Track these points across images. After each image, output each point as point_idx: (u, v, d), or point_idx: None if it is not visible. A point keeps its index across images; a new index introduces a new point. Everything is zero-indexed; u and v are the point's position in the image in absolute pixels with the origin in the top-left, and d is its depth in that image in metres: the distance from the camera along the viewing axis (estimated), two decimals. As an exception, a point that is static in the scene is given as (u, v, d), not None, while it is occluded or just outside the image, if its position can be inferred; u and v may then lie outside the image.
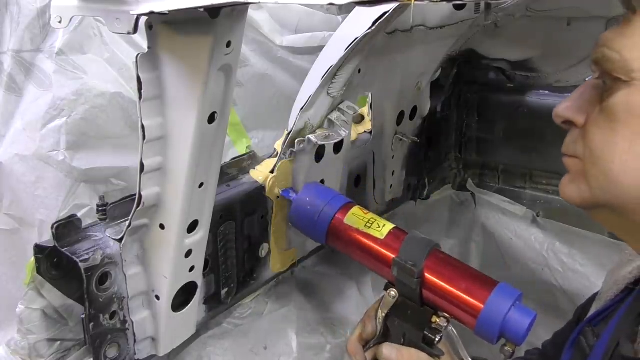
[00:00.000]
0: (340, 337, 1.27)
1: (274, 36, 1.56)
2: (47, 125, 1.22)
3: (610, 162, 0.69)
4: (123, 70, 1.30)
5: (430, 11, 1.22)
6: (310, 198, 1.03)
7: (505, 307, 0.82)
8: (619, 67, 0.68)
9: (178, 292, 0.95)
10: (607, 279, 0.98)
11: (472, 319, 0.85)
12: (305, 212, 1.02)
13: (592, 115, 0.73)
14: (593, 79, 0.77)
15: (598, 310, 0.94)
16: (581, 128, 0.76)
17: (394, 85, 1.30)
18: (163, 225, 0.88)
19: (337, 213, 1.00)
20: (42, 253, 0.88)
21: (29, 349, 0.95)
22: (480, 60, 1.62)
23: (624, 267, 0.94)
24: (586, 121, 0.75)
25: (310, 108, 1.04)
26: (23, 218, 1.30)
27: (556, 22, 1.44)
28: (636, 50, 0.68)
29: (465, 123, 1.75)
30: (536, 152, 1.64)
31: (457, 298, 0.87)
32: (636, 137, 0.67)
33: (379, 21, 0.93)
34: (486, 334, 0.84)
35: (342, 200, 1.03)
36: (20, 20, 1.25)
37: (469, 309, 0.86)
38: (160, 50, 0.75)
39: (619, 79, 0.68)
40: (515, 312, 0.82)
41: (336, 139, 1.07)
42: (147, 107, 0.77)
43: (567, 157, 0.79)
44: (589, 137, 0.73)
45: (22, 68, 1.27)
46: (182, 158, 0.81)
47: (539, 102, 1.60)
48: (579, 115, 0.76)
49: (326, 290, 1.36)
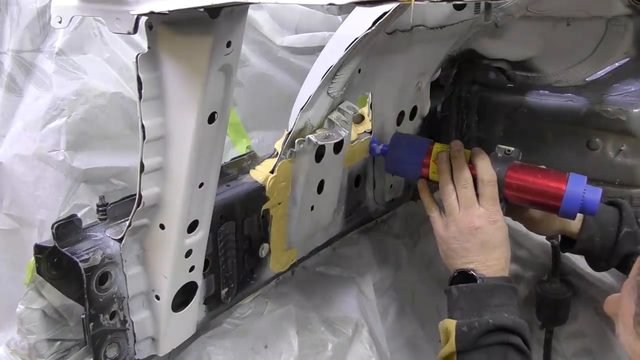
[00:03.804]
0: (342, 336, 1.27)
1: (274, 36, 1.56)
2: (47, 125, 1.22)
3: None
4: (123, 70, 1.30)
5: (430, 11, 1.22)
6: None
7: (581, 190, 1.08)
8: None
9: (178, 292, 0.95)
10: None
11: (557, 203, 1.09)
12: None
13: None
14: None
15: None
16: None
17: (394, 85, 1.30)
18: (163, 225, 0.88)
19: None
20: (42, 253, 0.88)
21: (29, 349, 0.95)
22: (480, 60, 1.62)
23: None
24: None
25: (310, 108, 1.04)
26: (23, 218, 1.30)
27: (556, 22, 1.44)
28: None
29: (465, 123, 1.75)
30: (536, 152, 1.64)
31: (543, 192, 1.11)
32: None
33: (379, 21, 0.93)
34: (568, 214, 1.10)
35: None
36: (20, 20, 1.25)
37: (554, 196, 1.09)
38: (160, 50, 0.75)
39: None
40: (587, 192, 1.07)
41: (336, 139, 1.07)
42: (147, 107, 0.77)
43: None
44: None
45: (22, 68, 1.27)
46: (182, 158, 0.81)
47: (539, 102, 1.59)
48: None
49: (326, 290, 1.36)
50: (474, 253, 1.06)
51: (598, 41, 1.43)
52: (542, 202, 1.12)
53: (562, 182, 1.09)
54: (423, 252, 1.63)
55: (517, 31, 1.46)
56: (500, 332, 0.98)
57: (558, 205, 1.09)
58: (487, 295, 1.02)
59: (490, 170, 1.11)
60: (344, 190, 1.31)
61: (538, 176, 1.12)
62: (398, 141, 1.27)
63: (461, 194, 1.10)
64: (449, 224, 1.10)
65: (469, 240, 1.07)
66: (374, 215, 1.49)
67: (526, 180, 1.12)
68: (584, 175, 1.10)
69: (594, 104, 1.50)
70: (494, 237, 1.07)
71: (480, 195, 1.09)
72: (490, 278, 1.04)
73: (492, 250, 1.06)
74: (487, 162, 1.12)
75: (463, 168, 1.12)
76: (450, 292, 1.05)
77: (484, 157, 1.14)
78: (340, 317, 1.31)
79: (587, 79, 1.52)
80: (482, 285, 1.03)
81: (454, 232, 1.09)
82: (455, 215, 1.10)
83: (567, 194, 1.08)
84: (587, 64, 1.48)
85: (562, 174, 1.11)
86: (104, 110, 1.25)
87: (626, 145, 1.49)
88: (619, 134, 1.49)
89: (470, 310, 1.01)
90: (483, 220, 1.07)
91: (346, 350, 1.26)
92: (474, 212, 1.08)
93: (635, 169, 1.50)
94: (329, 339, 1.25)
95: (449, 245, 1.10)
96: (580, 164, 1.57)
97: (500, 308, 1.01)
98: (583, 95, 1.53)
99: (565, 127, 1.57)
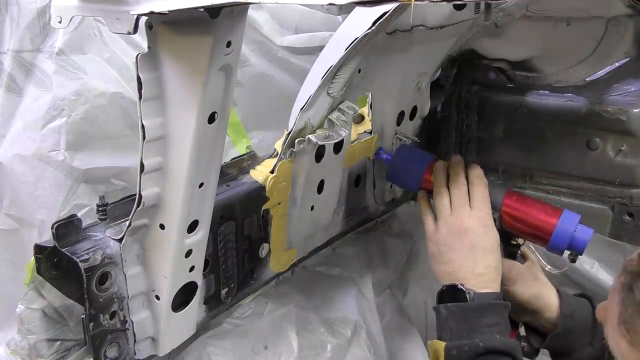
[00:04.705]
0: (341, 337, 1.27)
1: (274, 36, 1.56)
2: (47, 125, 1.22)
3: None
4: (123, 70, 1.30)
5: (430, 11, 1.22)
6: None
7: (572, 227, 1.10)
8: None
9: (178, 292, 0.95)
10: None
11: (547, 236, 1.11)
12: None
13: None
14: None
15: None
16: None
17: (394, 85, 1.30)
18: (163, 225, 0.88)
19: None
20: (42, 253, 0.88)
21: (29, 349, 0.95)
22: (480, 60, 1.62)
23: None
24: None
25: (310, 108, 1.04)
26: (23, 218, 1.30)
27: (556, 22, 1.43)
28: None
29: (465, 123, 1.75)
30: (536, 152, 1.64)
31: (535, 225, 1.13)
32: None
33: (379, 21, 0.93)
34: (556, 249, 1.12)
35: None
36: (20, 20, 1.25)
37: (544, 232, 1.12)
38: (160, 50, 0.75)
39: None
40: (578, 231, 1.10)
41: (336, 139, 1.07)
42: (147, 107, 0.77)
43: None
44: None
45: (22, 68, 1.27)
46: (182, 158, 0.81)
47: (539, 102, 1.59)
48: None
49: (326, 290, 1.36)
50: (463, 257, 1.04)
51: (598, 41, 1.42)
52: (532, 233, 1.14)
53: (555, 217, 1.12)
54: (423, 252, 1.63)
55: (517, 31, 1.46)
56: (490, 355, 0.96)
57: (548, 238, 1.11)
58: (478, 316, 0.99)
59: (482, 175, 1.12)
60: (344, 190, 1.31)
61: (533, 207, 1.15)
62: (402, 153, 1.28)
63: (454, 195, 1.10)
64: (440, 225, 1.10)
65: (458, 242, 1.05)
66: (374, 215, 1.49)
67: (521, 209, 1.15)
68: (577, 214, 1.13)
69: (594, 104, 1.50)
70: (484, 241, 1.05)
71: (472, 197, 1.09)
72: (480, 295, 1.01)
73: (482, 255, 1.04)
74: (480, 171, 1.13)
75: (459, 174, 1.13)
76: (439, 311, 1.02)
77: (478, 167, 1.15)
78: (339, 317, 1.31)
79: (587, 79, 1.51)
80: (471, 305, 1.00)
81: (444, 233, 1.08)
82: (446, 216, 1.09)
83: (557, 229, 1.10)
84: (587, 64, 1.48)
85: (557, 209, 1.14)
86: (104, 110, 1.25)
87: (626, 145, 1.49)
88: (619, 134, 1.49)
89: (460, 331, 0.99)
90: (474, 222, 1.06)
91: (345, 351, 1.26)
92: (465, 213, 1.08)
93: (635, 169, 1.50)
94: (328, 340, 1.25)
95: (438, 248, 1.08)
96: (580, 164, 1.57)
97: (491, 328, 0.98)
98: (583, 95, 1.53)
99: (565, 127, 1.57)
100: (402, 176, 1.27)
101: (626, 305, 0.76)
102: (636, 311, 0.75)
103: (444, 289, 1.04)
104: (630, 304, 0.76)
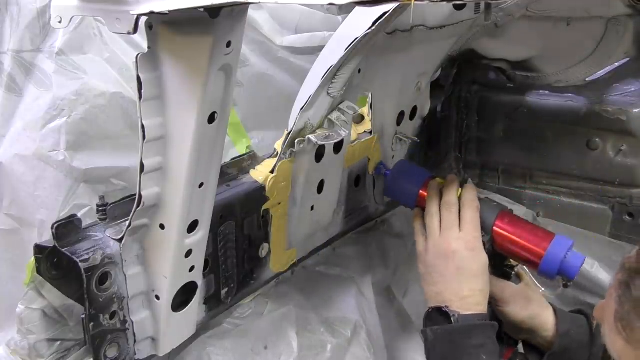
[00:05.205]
0: (341, 337, 1.27)
1: (274, 36, 1.56)
2: (47, 125, 1.22)
3: None
4: (123, 70, 1.30)
5: (430, 11, 1.22)
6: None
7: (562, 253, 1.07)
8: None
9: (178, 292, 0.95)
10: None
11: (537, 260, 1.09)
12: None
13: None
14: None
15: None
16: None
17: (394, 85, 1.30)
18: (163, 225, 0.88)
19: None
20: (42, 253, 0.88)
21: (29, 349, 0.95)
22: (480, 60, 1.62)
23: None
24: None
25: (310, 108, 1.04)
26: (23, 218, 1.30)
27: (556, 22, 1.44)
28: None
29: (465, 123, 1.75)
30: (536, 152, 1.64)
31: (525, 248, 1.11)
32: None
33: (379, 21, 0.93)
34: (546, 274, 1.10)
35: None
36: (20, 20, 1.25)
37: (534, 256, 1.10)
38: (160, 50, 0.75)
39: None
40: (569, 257, 1.07)
41: (336, 139, 1.07)
42: (147, 107, 0.77)
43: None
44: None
45: (22, 68, 1.27)
46: (182, 158, 0.81)
47: (539, 102, 1.59)
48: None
49: (326, 290, 1.35)
50: (449, 279, 1.05)
51: (598, 41, 1.43)
52: (523, 256, 1.12)
53: (546, 241, 1.10)
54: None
55: (517, 31, 1.46)
56: None
57: (538, 262, 1.10)
58: (464, 337, 1.00)
59: (474, 198, 1.11)
60: (344, 190, 1.31)
61: (525, 230, 1.13)
62: (400, 169, 1.30)
63: (444, 216, 1.10)
64: (429, 246, 1.10)
65: (445, 265, 1.06)
66: (374, 215, 1.49)
67: (512, 232, 1.13)
68: (570, 239, 1.10)
69: (594, 104, 1.50)
70: (470, 265, 1.05)
71: (462, 219, 1.09)
72: (465, 317, 1.01)
73: (468, 279, 1.04)
74: (473, 192, 1.13)
75: (451, 194, 1.13)
76: (426, 335, 1.03)
77: (473, 188, 1.14)
78: (339, 317, 1.31)
79: (587, 79, 1.52)
80: (457, 326, 1.00)
81: (432, 254, 1.08)
82: (434, 238, 1.09)
83: (547, 253, 1.08)
84: (587, 64, 1.48)
85: (549, 233, 1.12)
86: (104, 110, 1.25)
87: (626, 145, 1.49)
88: (619, 134, 1.49)
89: (447, 353, 1.00)
90: (460, 245, 1.06)
91: (344, 351, 1.26)
92: (453, 235, 1.08)
93: (635, 169, 1.50)
94: (328, 340, 1.25)
95: (426, 269, 1.09)
96: (580, 164, 1.57)
97: (478, 349, 0.98)
98: (583, 95, 1.53)
99: (565, 127, 1.57)
100: (398, 192, 1.28)
101: (623, 303, 0.76)
102: (633, 308, 0.75)
103: (430, 311, 1.05)
104: (627, 301, 0.76)
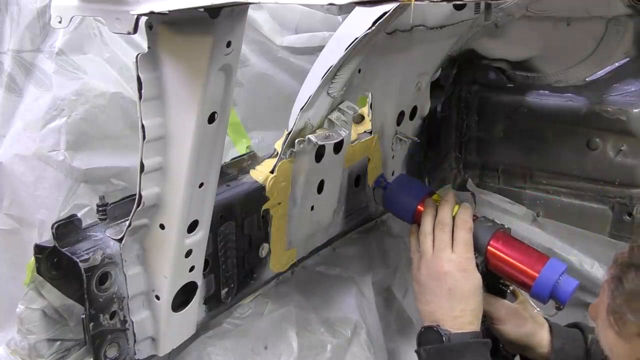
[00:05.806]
0: (341, 337, 1.27)
1: (274, 36, 1.56)
2: (47, 125, 1.22)
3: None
4: (123, 70, 1.30)
5: (430, 11, 1.22)
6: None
7: (555, 276, 1.07)
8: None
9: (178, 292, 0.95)
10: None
11: (530, 282, 1.09)
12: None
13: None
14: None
15: None
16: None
17: (394, 85, 1.30)
18: (163, 225, 0.88)
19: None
20: (42, 253, 0.88)
21: (29, 349, 0.95)
22: (480, 60, 1.62)
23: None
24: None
25: (310, 108, 1.04)
26: (23, 218, 1.30)
27: (556, 22, 1.44)
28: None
29: (465, 123, 1.75)
30: (536, 152, 1.64)
31: (518, 269, 1.11)
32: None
33: (379, 21, 0.93)
34: (539, 297, 1.10)
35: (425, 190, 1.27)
36: (20, 20, 1.25)
37: (527, 278, 1.10)
38: (160, 50, 0.75)
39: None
40: (562, 281, 1.07)
41: (336, 139, 1.07)
42: (147, 107, 0.77)
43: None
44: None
45: (22, 68, 1.27)
46: (182, 158, 0.81)
47: (539, 102, 1.59)
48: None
49: (326, 290, 1.35)
50: (441, 299, 1.06)
51: (598, 41, 1.43)
52: (516, 278, 1.12)
53: (540, 264, 1.10)
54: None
55: (517, 31, 1.46)
56: None
57: (530, 285, 1.10)
58: (456, 355, 1.01)
59: (468, 218, 1.12)
60: (344, 190, 1.31)
61: (519, 251, 1.13)
62: (399, 183, 1.31)
63: (437, 237, 1.11)
64: (422, 266, 1.11)
65: (437, 285, 1.07)
66: (374, 215, 1.49)
67: (506, 253, 1.13)
68: (564, 263, 1.11)
69: (594, 104, 1.51)
70: (462, 286, 1.06)
71: (454, 240, 1.09)
72: (456, 335, 1.02)
73: (460, 300, 1.05)
74: (468, 212, 1.13)
75: (445, 214, 1.13)
76: (420, 354, 1.04)
77: (468, 208, 1.14)
78: (339, 317, 1.31)
79: (587, 79, 1.52)
80: (449, 345, 1.01)
81: (425, 274, 1.09)
82: (427, 258, 1.10)
83: (540, 277, 1.08)
84: (587, 64, 1.48)
85: (544, 256, 1.12)
86: (104, 110, 1.25)
87: (626, 145, 1.49)
88: (619, 134, 1.49)
89: None
90: (452, 266, 1.07)
91: (344, 351, 1.26)
92: (445, 256, 1.08)
93: (635, 169, 1.50)
94: (328, 340, 1.25)
95: (420, 288, 1.10)
96: (580, 164, 1.57)
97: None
98: (583, 95, 1.53)
99: (565, 127, 1.57)
100: (397, 207, 1.28)
101: (615, 296, 0.77)
102: (625, 301, 0.76)
103: (423, 330, 1.07)
104: (619, 294, 0.77)
